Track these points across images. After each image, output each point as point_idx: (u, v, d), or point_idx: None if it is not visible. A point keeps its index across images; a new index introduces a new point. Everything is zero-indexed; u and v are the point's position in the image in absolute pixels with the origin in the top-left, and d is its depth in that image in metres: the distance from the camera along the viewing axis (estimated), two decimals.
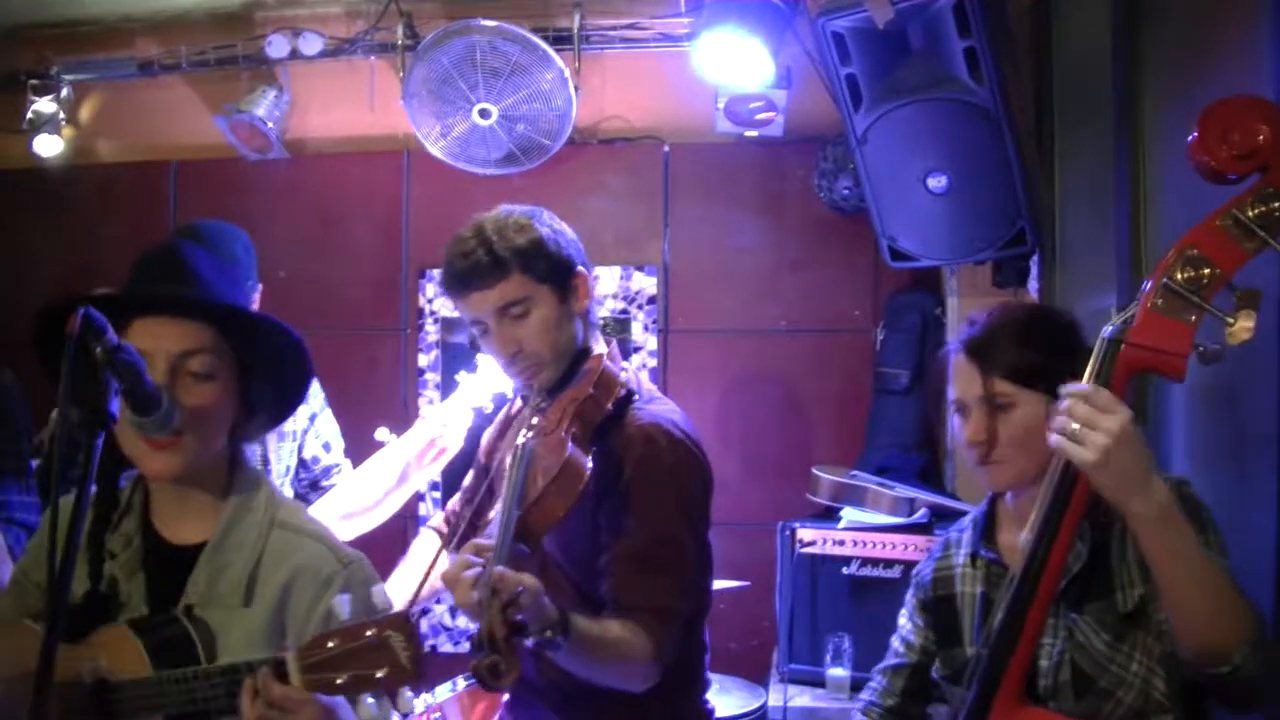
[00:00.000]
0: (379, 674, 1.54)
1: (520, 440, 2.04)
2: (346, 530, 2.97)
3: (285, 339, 1.90)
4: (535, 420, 2.11)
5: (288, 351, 1.92)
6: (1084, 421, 1.57)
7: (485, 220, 2.26)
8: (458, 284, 2.22)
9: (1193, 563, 1.59)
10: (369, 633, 1.54)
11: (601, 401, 2.15)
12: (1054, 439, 1.60)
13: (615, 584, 2.12)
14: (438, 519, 2.73)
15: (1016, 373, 1.92)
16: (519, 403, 2.45)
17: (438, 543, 2.58)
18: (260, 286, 3.10)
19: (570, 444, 2.01)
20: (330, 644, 1.55)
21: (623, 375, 2.23)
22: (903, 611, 2.20)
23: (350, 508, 3.05)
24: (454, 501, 2.66)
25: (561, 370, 2.21)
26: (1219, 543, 1.77)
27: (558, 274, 2.23)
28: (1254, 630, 1.59)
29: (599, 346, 2.30)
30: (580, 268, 2.29)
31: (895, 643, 2.19)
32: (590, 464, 2.02)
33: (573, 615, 1.91)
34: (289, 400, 2.00)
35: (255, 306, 3.03)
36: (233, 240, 3.01)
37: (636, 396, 2.26)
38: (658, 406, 2.28)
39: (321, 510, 3.02)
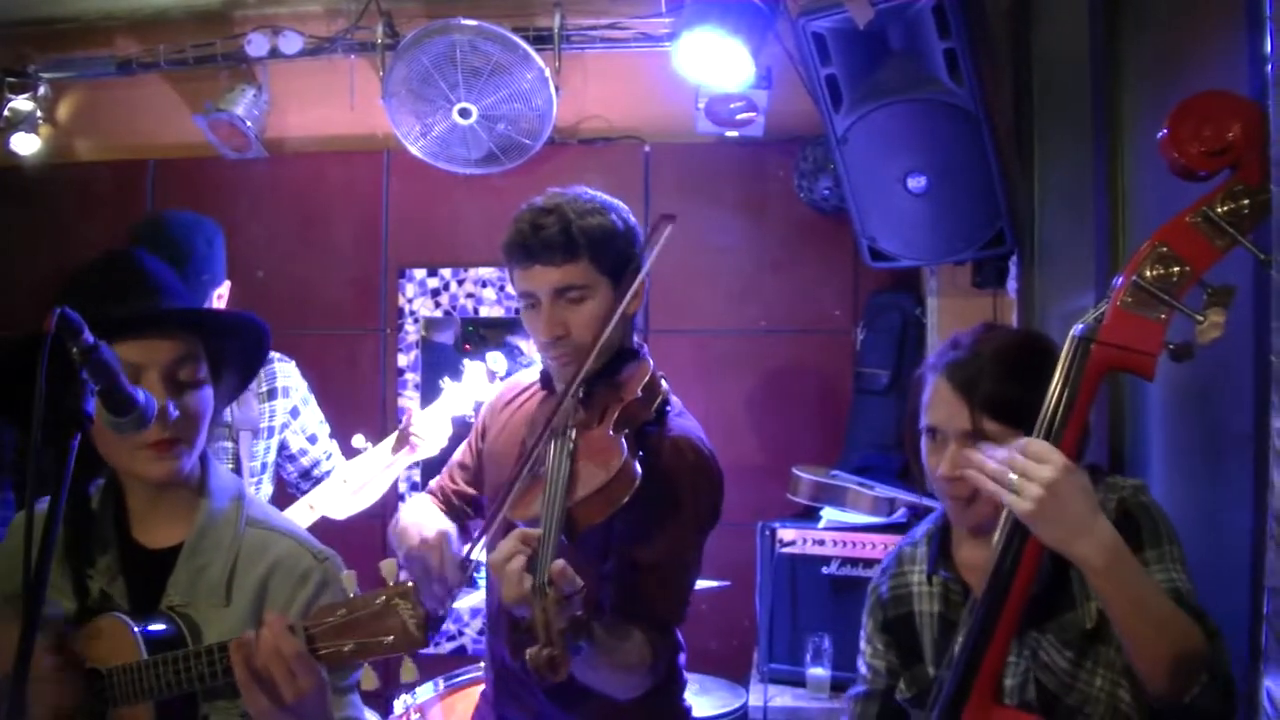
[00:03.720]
0: (386, 641, 1.55)
1: (568, 432, 2.02)
2: (358, 503, 3.12)
3: (257, 334, 1.95)
4: (578, 411, 2.08)
5: (256, 345, 1.98)
6: (1020, 472, 1.57)
7: (565, 198, 2.20)
8: (523, 254, 2.16)
9: (1145, 602, 1.58)
10: (376, 601, 1.57)
11: (647, 406, 2.13)
12: (991, 487, 1.60)
13: (624, 591, 2.12)
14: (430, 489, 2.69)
15: (1005, 410, 1.81)
16: (538, 388, 2.39)
17: (433, 505, 2.55)
18: (228, 283, 3.04)
19: (625, 449, 1.98)
20: (338, 613, 1.58)
21: (663, 384, 2.22)
22: (862, 634, 2.15)
23: (358, 484, 3.11)
24: (442, 479, 2.58)
25: (598, 365, 2.16)
26: (1177, 554, 1.75)
27: (622, 269, 2.19)
28: (1211, 663, 1.59)
29: (643, 351, 2.28)
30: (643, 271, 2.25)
31: (861, 667, 2.14)
32: (639, 472, 1.99)
33: (594, 622, 1.91)
34: (242, 387, 2.05)
35: (222, 303, 3.00)
36: (194, 233, 2.93)
37: (669, 407, 2.25)
38: (687, 421, 2.28)
39: (327, 495, 3.06)
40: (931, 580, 2.02)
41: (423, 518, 2.25)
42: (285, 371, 3.17)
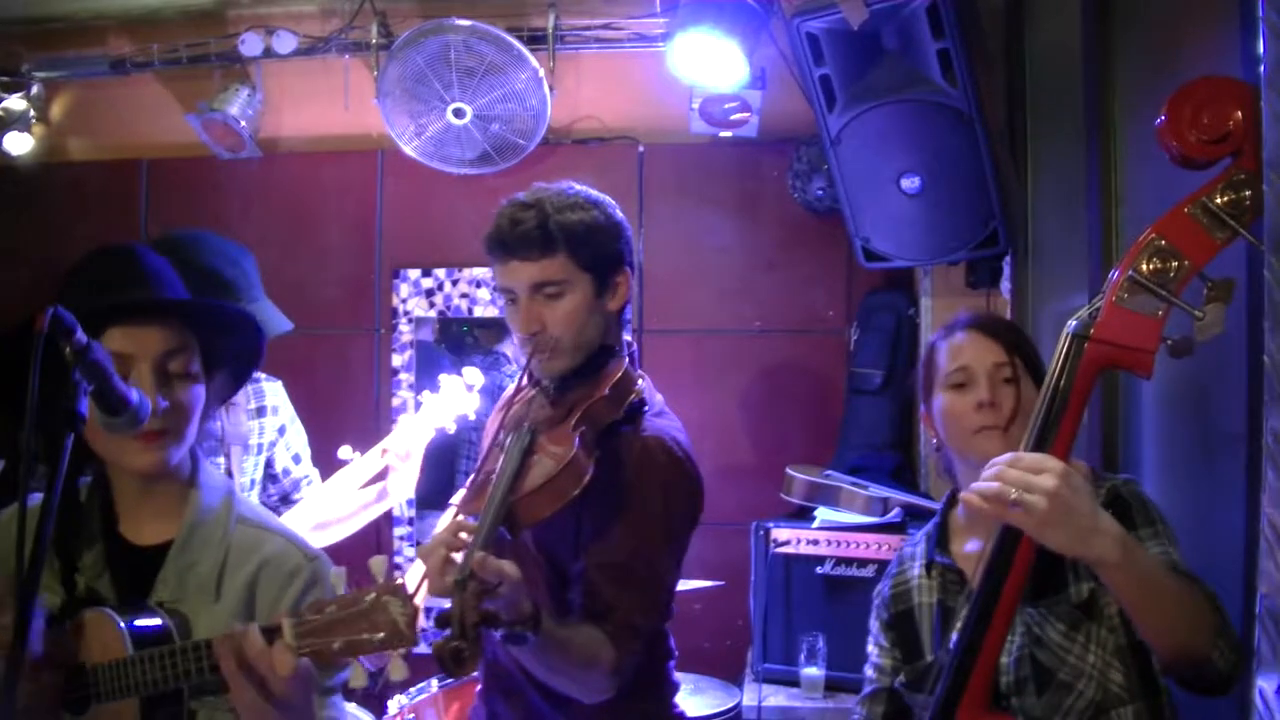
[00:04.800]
0: (376, 638, 1.55)
1: (526, 424, 2.02)
2: (318, 539, 2.98)
3: (251, 332, 1.95)
4: (544, 407, 2.08)
5: (250, 344, 1.97)
6: (1018, 485, 1.52)
7: (547, 193, 2.18)
8: (500, 249, 2.15)
9: (1159, 585, 1.57)
10: (366, 598, 1.56)
11: (615, 406, 2.12)
12: (992, 508, 1.55)
13: (589, 592, 2.10)
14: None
15: (1025, 356, 1.96)
16: (525, 383, 2.39)
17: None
18: None
19: (578, 443, 1.97)
20: (328, 609, 1.58)
21: (639, 384, 2.20)
22: (869, 638, 2.16)
23: (324, 518, 3.06)
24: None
25: (577, 362, 2.15)
26: (1170, 532, 1.78)
27: (602, 266, 2.17)
28: (1220, 619, 1.60)
29: (624, 350, 2.26)
30: (626, 268, 2.24)
31: (868, 670, 2.15)
32: (592, 469, 1.98)
33: (545, 615, 1.89)
34: (236, 387, 2.05)
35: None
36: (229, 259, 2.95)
37: (647, 407, 2.23)
38: (664, 421, 2.25)
39: (293, 520, 3.03)
40: (930, 571, 2.04)
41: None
42: (273, 390, 3.17)
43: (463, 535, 1.84)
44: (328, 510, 3.07)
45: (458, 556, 1.79)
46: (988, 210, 3.29)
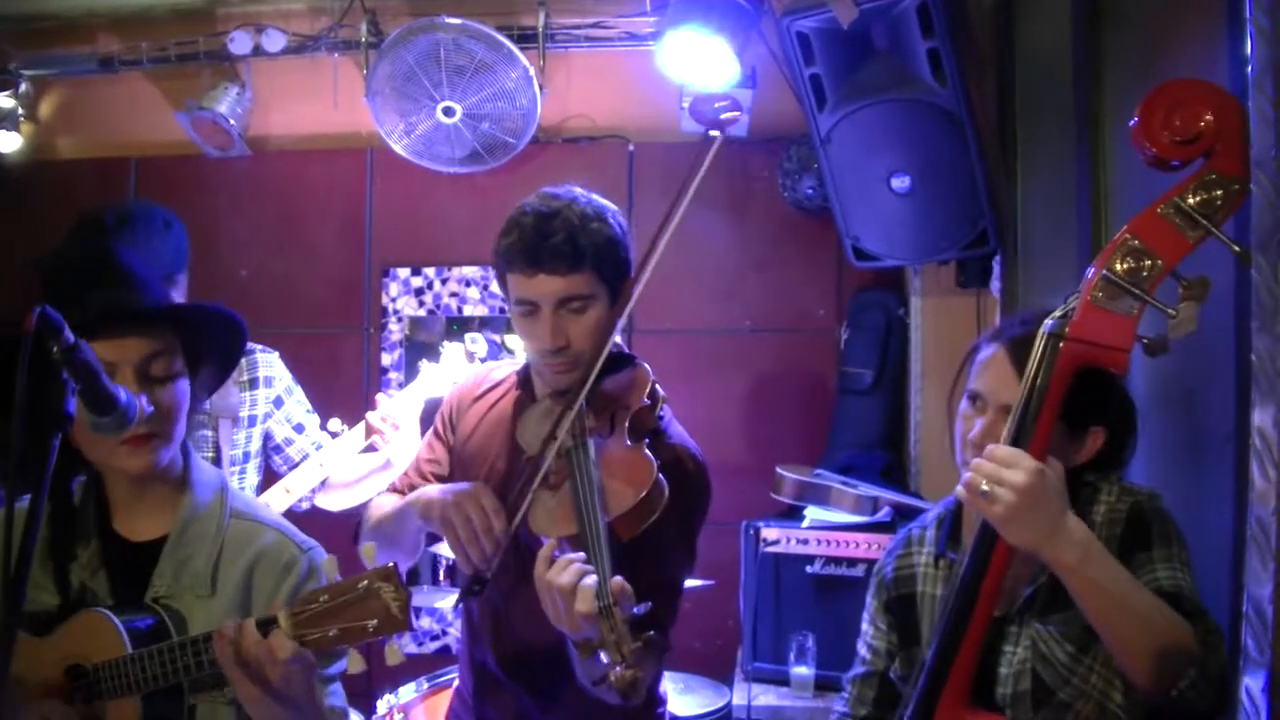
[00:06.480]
0: (370, 625, 1.57)
1: (589, 438, 2.00)
2: (326, 502, 2.99)
3: (232, 326, 1.95)
4: (589, 417, 2.05)
5: (231, 336, 1.97)
6: (989, 477, 1.55)
7: (563, 202, 2.13)
8: (527, 261, 2.08)
9: (1124, 597, 1.58)
10: (359, 585, 1.58)
11: (653, 414, 2.12)
12: (963, 495, 1.59)
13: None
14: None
15: None
16: (513, 386, 2.35)
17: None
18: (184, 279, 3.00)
19: (655, 463, 1.95)
20: (322, 598, 1.59)
21: (661, 390, 2.19)
22: (865, 615, 2.14)
23: (329, 480, 3.07)
24: (409, 475, 2.47)
25: (593, 371, 2.10)
26: (1184, 556, 1.75)
27: (619, 278, 2.16)
28: (1199, 654, 1.58)
29: (637, 358, 2.25)
30: (630, 276, 2.21)
31: (861, 649, 2.13)
32: (667, 485, 1.96)
33: None
34: (222, 378, 2.04)
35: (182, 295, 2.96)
36: (161, 229, 2.96)
37: (661, 414, 2.23)
38: (680, 428, 2.26)
39: (298, 480, 3.04)
40: (939, 563, 2.02)
41: (437, 486, 2.19)
42: (268, 361, 3.17)
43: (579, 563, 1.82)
44: (333, 473, 3.09)
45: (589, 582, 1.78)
46: (977, 210, 3.29)
